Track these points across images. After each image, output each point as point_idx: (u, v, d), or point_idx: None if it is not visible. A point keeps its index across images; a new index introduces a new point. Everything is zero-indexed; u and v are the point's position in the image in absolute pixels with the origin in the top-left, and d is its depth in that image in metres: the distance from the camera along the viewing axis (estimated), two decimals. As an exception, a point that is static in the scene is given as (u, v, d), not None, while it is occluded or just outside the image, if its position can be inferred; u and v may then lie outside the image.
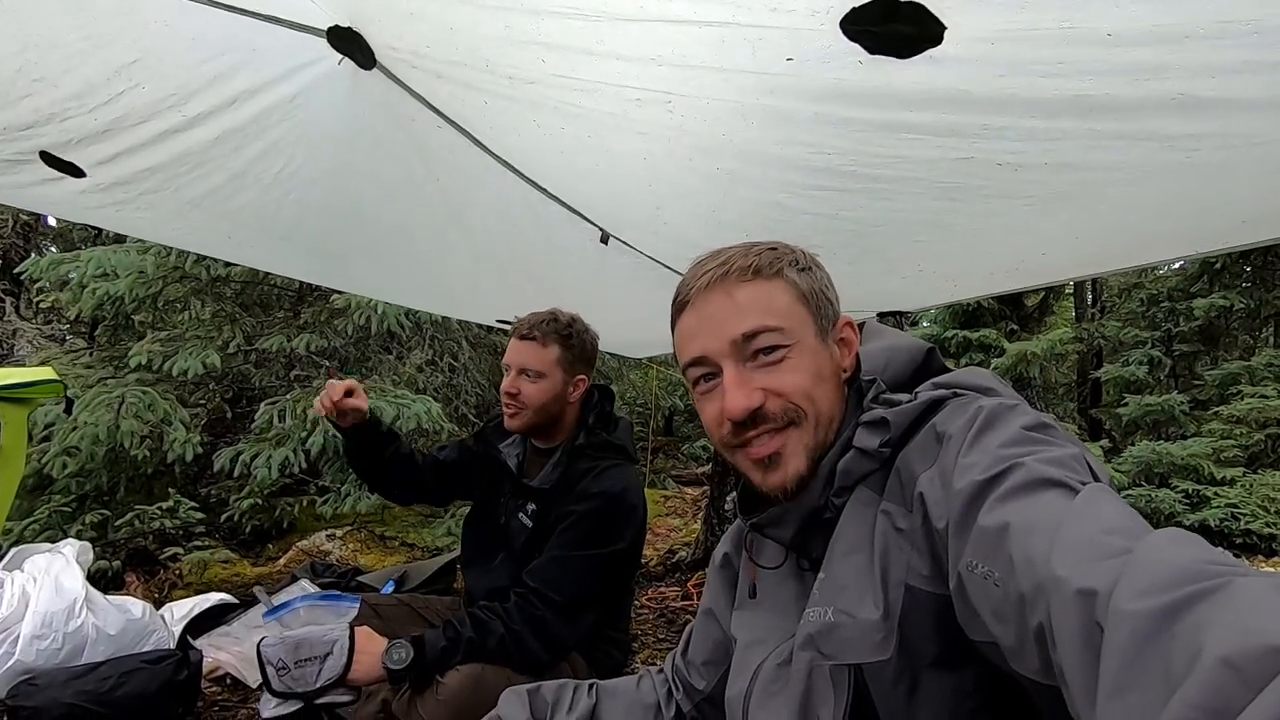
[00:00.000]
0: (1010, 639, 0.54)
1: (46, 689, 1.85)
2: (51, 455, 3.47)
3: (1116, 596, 0.43)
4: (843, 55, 0.95)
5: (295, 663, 1.47)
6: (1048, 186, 1.20)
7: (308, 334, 4.51)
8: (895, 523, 0.70)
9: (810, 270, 0.82)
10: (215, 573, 3.27)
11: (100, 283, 4.21)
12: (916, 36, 0.87)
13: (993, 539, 0.57)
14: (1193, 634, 0.38)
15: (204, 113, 1.61)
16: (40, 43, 1.40)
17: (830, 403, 0.79)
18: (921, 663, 0.66)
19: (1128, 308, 8.99)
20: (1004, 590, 0.54)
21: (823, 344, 0.80)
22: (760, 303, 0.78)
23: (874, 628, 0.68)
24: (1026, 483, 0.58)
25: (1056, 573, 0.48)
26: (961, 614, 0.61)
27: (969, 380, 0.78)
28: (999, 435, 0.65)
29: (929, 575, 0.66)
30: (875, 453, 0.74)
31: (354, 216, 2.17)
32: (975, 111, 1.01)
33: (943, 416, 0.72)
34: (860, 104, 1.06)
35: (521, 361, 1.74)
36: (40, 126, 1.63)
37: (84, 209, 2.11)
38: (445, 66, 1.43)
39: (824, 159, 1.23)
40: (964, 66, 0.92)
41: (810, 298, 0.80)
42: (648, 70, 1.18)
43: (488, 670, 1.56)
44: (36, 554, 2.33)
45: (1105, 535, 0.50)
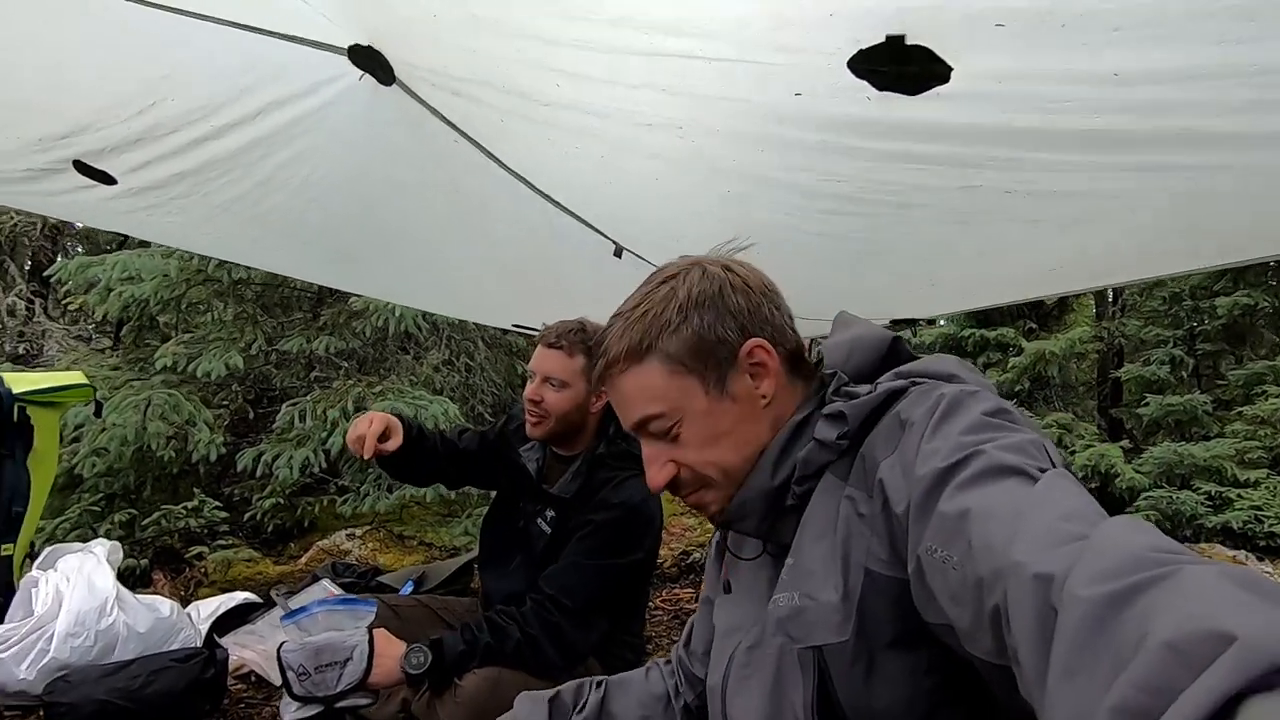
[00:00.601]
0: (965, 621, 0.56)
1: (80, 685, 1.92)
2: (81, 456, 3.57)
3: (1071, 582, 0.44)
4: (851, 90, 0.96)
5: (316, 668, 1.52)
6: (1056, 211, 1.21)
7: (327, 335, 4.58)
8: (858, 508, 0.72)
9: (686, 322, 0.80)
10: (239, 571, 3.35)
11: (126, 286, 4.31)
12: (924, 75, 0.89)
13: (952, 524, 0.58)
14: (1141, 619, 0.39)
15: (231, 123, 1.65)
16: (76, 58, 1.45)
17: (738, 449, 0.81)
18: (878, 644, 0.68)
19: (1149, 306, 8.85)
20: (962, 574, 0.55)
21: (718, 397, 0.80)
22: (637, 392, 0.81)
23: (833, 609, 0.70)
24: (986, 470, 0.59)
25: (1014, 558, 0.50)
26: (918, 597, 0.63)
27: (932, 368, 0.79)
28: (960, 422, 0.66)
29: (887, 559, 0.68)
30: (834, 444, 0.75)
31: (373, 223, 2.21)
32: (983, 144, 1.02)
33: (906, 404, 0.73)
34: (868, 135, 1.07)
35: (546, 370, 1.74)
36: (75, 136, 1.68)
37: (114, 215, 2.18)
38: (462, 85, 1.46)
39: (833, 185, 1.25)
40: (972, 102, 0.93)
41: (690, 358, 0.79)
42: (658, 98, 1.21)
43: (505, 673, 1.60)
44: (69, 553, 2.40)
45: (1063, 522, 0.51)
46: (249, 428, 4.57)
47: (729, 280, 0.82)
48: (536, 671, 1.63)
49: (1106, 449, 6.77)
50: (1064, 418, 7.53)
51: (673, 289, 0.82)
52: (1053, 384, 8.60)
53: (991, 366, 8.30)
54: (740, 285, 0.82)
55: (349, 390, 4.34)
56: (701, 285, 0.81)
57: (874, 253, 1.56)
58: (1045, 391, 8.57)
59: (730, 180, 1.39)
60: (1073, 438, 7.26)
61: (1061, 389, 8.99)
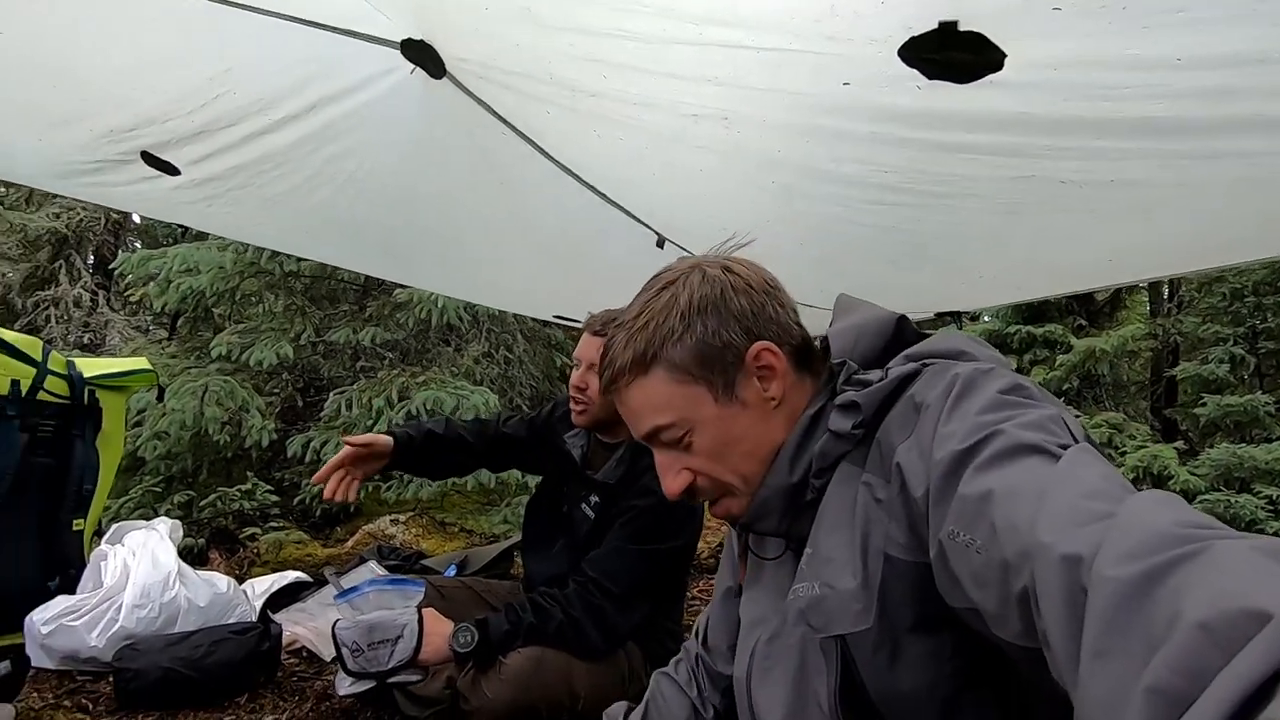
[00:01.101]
0: (991, 604, 0.55)
1: (147, 653, 2.02)
2: (144, 439, 3.74)
3: (1099, 561, 0.43)
4: (900, 80, 0.96)
5: (368, 645, 1.58)
6: (1114, 201, 1.18)
7: (372, 327, 4.71)
8: (875, 494, 0.71)
9: (689, 329, 0.79)
10: (289, 552, 3.47)
11: (184, 278, 4.49)
12: (976, 63, 0.88)
13: (974, 507, 0.57)
14: (1172, 598, 0.38)
15: (287, 116, 1.71)
16: (146, 54, 1.52)
17: (755, 453, 0.80)
18: (901, 629, 0.67)
19: (1208, 303, 8.49)
20: (986, 557, 0.54)
21: (728, 403, 0.79)
22: (645, 404, 0.81)
23: (854, 597, 0.69)
24: (1006, 449, 0.58)
25: (1040, 538, 0.49)
26: (941, 581, 0.62)
27: (941, 346, 0.77)
28: (976, 402, 0.64)
29: (906, 544, 0.67)
30: (849, 434, 0.74)
31: (420, 215, 2.27)
32: (1038, 133, 1.00)
33: (919, 386, 0.71)
34: (918, 125, 1.06)
35: (592, 357, 1.75)
36: (143, 128, 1.76)
37: (176, 206, 2.27)
38: (511, 78, 1.49)
39: (881, 176, 1.24)
40: (1026, 91, 0.92)
41: (696, 366, 0.78)
42: (705, 89, 1.21)
43: (548, 653, 1.64)
44: (134, 530, 2.53)
45: (1088, 500, 0.50)
46: (298, 415, 4.72)
47: (730, 282, 0.81)
48: (578, 653, 1.67)
49: (1160, 450, 6.54)
50: (1114, 418, 7.29)
51: (674, 295, 0.81)
52: (1103, 382, 8.33)
53: (1039, 364, 8.08)
54: (742, 286, 0.81)
55: (393, 380, 4.45)
56: (702, 290, 0.80)
57: (921, 244, 1.54)
58: (1095, 390, 8.31)
59: (776, 171, 1.39)
60: (1123, 438, 7.03)
61: (1112, 388, 8.70)
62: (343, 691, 1.59)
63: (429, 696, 1.84)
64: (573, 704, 1.67)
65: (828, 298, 2.48)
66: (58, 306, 6.93)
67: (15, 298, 7.08)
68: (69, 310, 6.97)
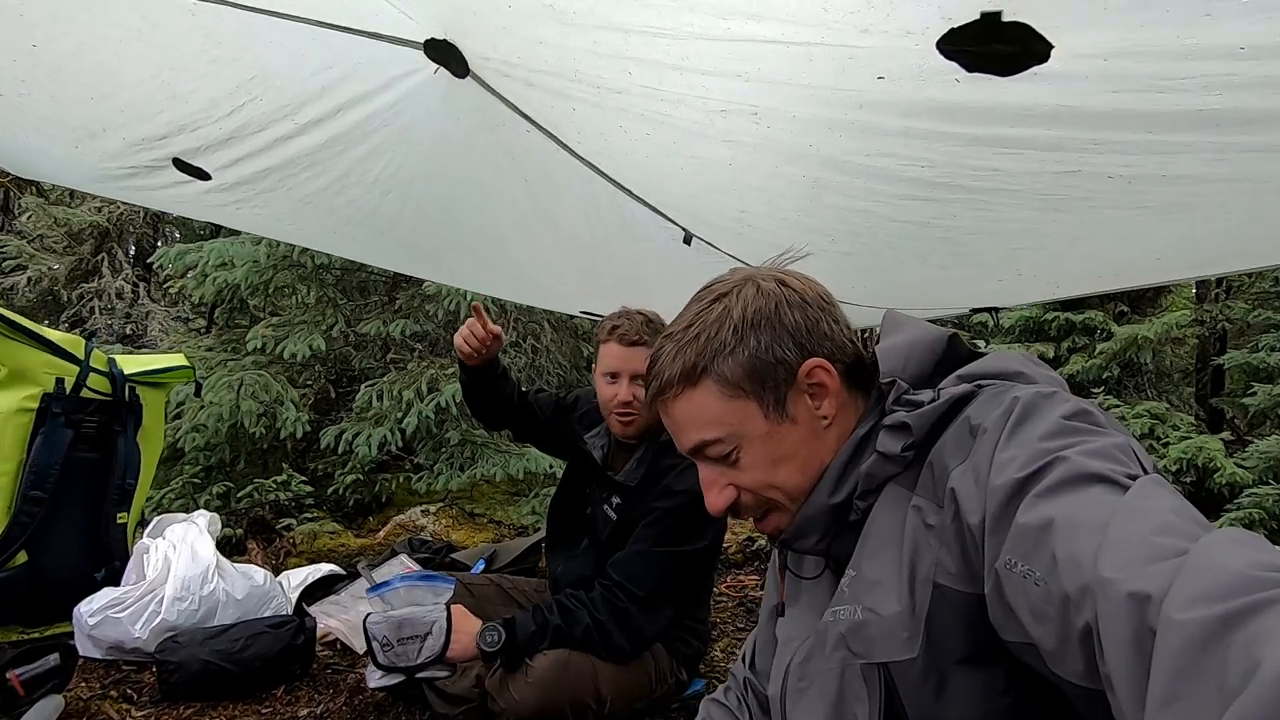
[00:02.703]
0: (1050, 641, 0.52)
1: (187, 646, 2.08)
2: (183, 431, 3.84)
3: (1169, 602, 0.41)
4: (938, 73, 0.92)
5: (398, 640, 1.60)
6: (1164, 197, 1.12)
7: (402, 319, 4.76)
8: (925, 519, 0.68)
9: (743, 344, 0.77)
10: (324, 543, 3.55)
11: (220, 271, 4.59)
12: (1020, 55, 0.83)
13: (1034, 537, 0.54)
14: (1250, 646, 0.36)
15: (313, 120, 1.72)
16: (174, 65, 1.54)
17: (801, 472, 0.78)
18: (949, 660, 0.65)
19: (1259, 288, 8.17)
20: (1045, 590, 0.52)
21: (778, 420, 0.77)
22: (693, 417, 0.79)
23: (900, 625, 0.67)
24: (1070, 478, 0.55)
25: (1104, 574, 0.46)
26: (996, 614, 0.59)
27: (997, 367, 0.74)
28: (1038, 427, 0.61)
29: (958, 573, 0.64)
30: (898, 457, 0.72)
31: (446, 213, 2.27)
32: (1084, 126, 0.95)
33: (976, 408, 0.69)
34: (956, 119, 1.02)
35: (635, 368, 1.74)
36: (173, 136, 1.79)
37: (209, 207, 2.31)
38: (535, 75, 1.47)
39: (916, 171, 1.19)
40: (1073, 83, 0.87)
41: (747, 381, 0.77)
42: (733, 84, 1.18)
43: (574, 655, 1.64)
44: (175, 523, 2.59)
45: (1158, 535, 0.47)
46: (330, 406, 4.81)
47: (784, 296, 0.79)
48: (605, 656, 1.67)
49: (1205, 441, 6.32)
50: (1157, 407, 7.05)
51: (726, 308, 0.79)
52: (1145, 371, 8.06)
53: (1077, 352, 7.86)
54: (797, 301, 0.79)
55: (423, 372, 4.50)
56: (757, 303, 0.78)
57: (957, 240, 1.49)
58: (1136, 379, 8.06)
59: (806, 166, 1.35)
60: (1166, 428, 6.80)
61: (1155, 376, 8.43)
62: (373, 684, 1.62)
63: (459, 694, 1.87)
64: (599, 707, 1.67)
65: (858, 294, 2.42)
66: (101, 298, 7.15)
67: (61, 290, 7.31)
68: (112, 302, 7.18)
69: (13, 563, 2.31)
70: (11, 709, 1.78)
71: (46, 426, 2.39)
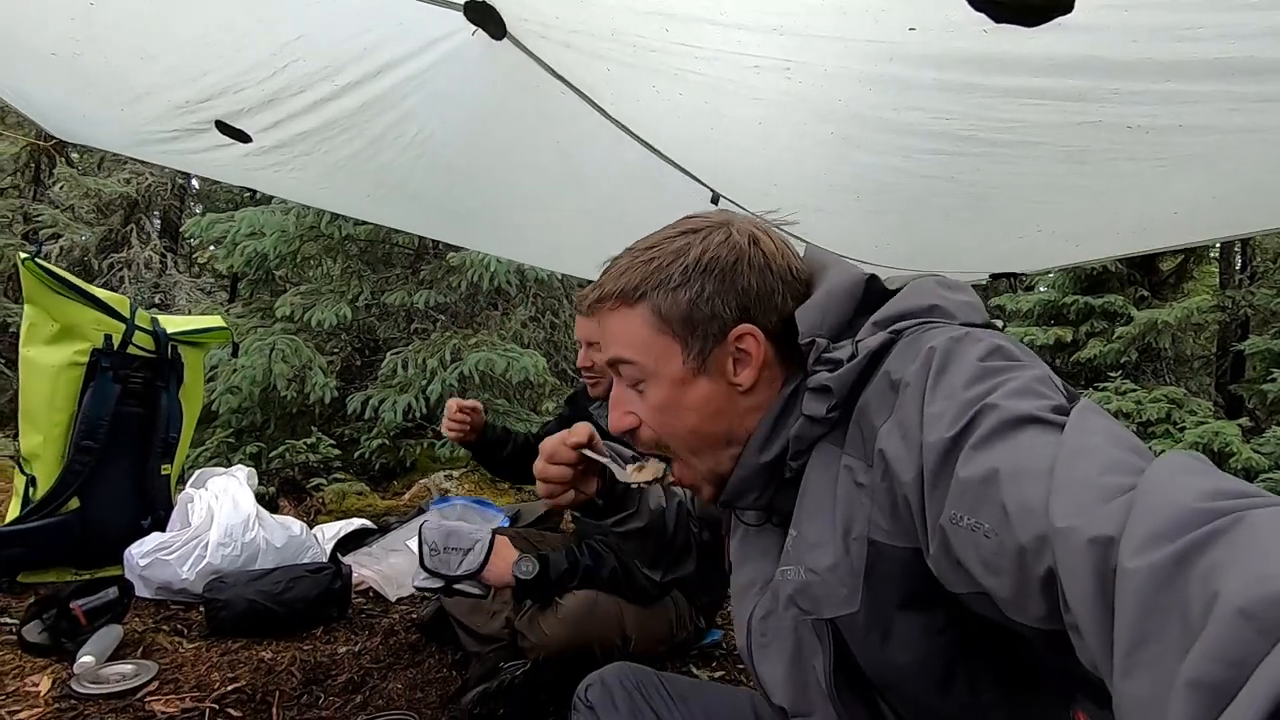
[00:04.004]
0: (1007, 590, 0.52)
1: (233, 586, 2.20)
2: (218, 393, 3.96)
3: (1124, 544, 0.41)
4: (967, 25, 0.96)
5: (444, 548, 1.67)
6: (1182, 148, 1.16)
7: (425, 290, 4.85)
8: (856, 478, 0.68)
9: (687, 285, 0.76)
10: (351, 503, 3.67)
11: (249, 241, 4.69)
12: (1047, 5, 0.88)
13: (977, 489, 0.54)
14: (1207, 579, 0.36)
15: (352, 82, 1.76)
16: (219, 25, 1.59)
17: (701, 431, 0.79)
18: (889, 609, 0.67)
19: (1284, 273, 8.07)
20: (998, 541, 0.51)
21: (694, 371, 0.77)
22: (618, 333, 0.80)
23: (839, 582, 0.69)
24: (1002, 424, 0.55)
25: (1058, 522, 0.46)
26: (943, 568, 0.59)
27: (909, 305, 0.73)
28: (958, 375, 0.61)
29: (890, 530, 0.65)
30: (824, 419, 0.72)
31: (478, 178, 2.32)
32: (1105, 76, 1.00)
33: (894, 360, 0.68)
34: (983, 70, 1.06)
35: (587, 335, 1.84)
36: (217, 98, 1.83)
37: (247, 171, 2.36)
38: (572, 36, 1.51)
39: (942, 124, 1.24)
40: (1095, 33, 0.91)
41: (678, 323, 0.76)
42: (769, 39, 1.22)
43: (601, 596, 1.73)
44: (215, 476, 2.72)
45: (1104, 475, 0.47)
46: (356, 374, 4.92)
47: (749, 255, 0.77)
48: (630, 597, 1.75)
49: (1222, 426, 6.31)
50: (1174, 392, 7.03)
51: (688, 244, 0.77)
52: (1164, 356, 8.02)
53: (1096, 336, 7.83)
54: (760, 263, 0.77)
55: (446, 342, 4.59)
56: (718, 251, 0.76)
57: (981, 195, 1.53)
58: (1155, 364, 8.02)
59: (835, 122, 1.40)
60: (1183, 414, 6.79)
61: (1173, 362, 8.38)
62: (416, 584, 1.67)
63: (490, 634, 1.96)
64: (624, 645, 1.76)
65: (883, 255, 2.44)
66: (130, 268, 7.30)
67: (92, 260, 7.47)
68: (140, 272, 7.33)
69: (66, 507, 2.43)
70: (75, 636, 1.91)
71: (96, 380, 2.50)
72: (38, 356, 2.44)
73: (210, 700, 1.73)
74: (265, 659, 2.00)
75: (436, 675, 2.00)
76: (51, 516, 2.39)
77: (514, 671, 1.77)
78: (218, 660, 1.97)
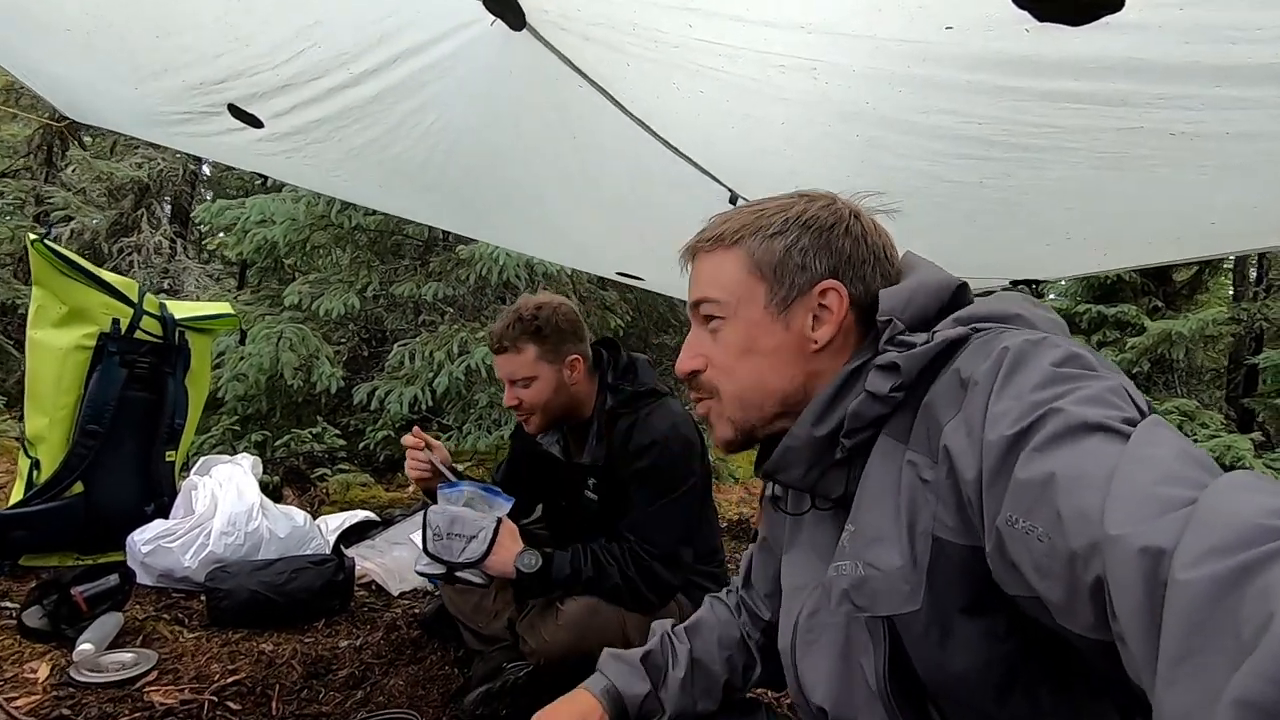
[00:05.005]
0: (1057, 595, 0.52)
1: (236, 575, 2.18)
2: (224, 380, 3.95)
3: (1179, 557, 0.40)
4: (1009, 23, 0.92)
5: (448, 534, 1.63)
6: (1226, 156, 1.12)
7: (434, 282, 4.82)
8: (921, 474, 0.67)
9: (784, 234, 0.79)
10: (355, 494, 3.65)
11: (259, 228, 4.68)
12: (1095, 3, 0.84)
13: (1035, 492, 0.53)
14: (1262, 598, 0.35)
15: (369, 70, 1.72)
16: (240, 5, 1.56)
17: (760, 378, 0.79)
18: (951, 610, 0.65)
19: (1301, 287, 7.97)
20: (1050, 545, 0.51)
21: (773, 316, 0.79)
22: (709, 274, 0.82)
23: (902, 579, 0.67)
24: (1066, 429, 0.54)
25: (1111, 530, 0.45)
26: (999, 569, 0.59)
27: (992, 310, 0.73)
28: (1029, 377, 0.60)
29: (955, 527, 0.64)
30: (886, 397, 0.71)
31: (492, 170, 2.29)
32: (1151, 80, 0.96)
33: (965, 358, 0.67)
34: (1021, 73, 1.02)
35: (507, 374, 1.78)
36: (231, 81, 1.79)
37: (258, 157, 2.34)
38: (592, 29, 1.48)
39: (974, 128, 1.20)
40: (1145, 33, 0.88)
41: (768, 267, 0.79)
42: (796, 37, 1.19)
43: (603, 603, 1.69)
44: (220, 464, 2.70)
45: (1164, 485, 0.46)
46: (363, 365, 4.91)
47: (849, 224, 0.80)
48: (632, 608, 1.71)
49: (1234, 440, 6.24)
50: (1186, 404, 6.96)
51: (793, 203, 0.82)
52: (1176, 368, 7.95)
53: (1107, 345, 7.76)
54: (857, 233, 0.80)
55: (454, 335, 4.57)
56: (821, 214, 0.80)
57: (1009, 201, 1.49)
58: (1167, 376, 7.95)
59: (861, 124, 1.36)
60: (1195, 426, 6.73)
61: (1186, 374, 8.30)
62: (418, 569, 1.66)
63: (492, 635, 1.93)
64: (626, 651, 1.72)
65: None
66: (140, 253, 7.30)
67: (102, 244, 7.48)
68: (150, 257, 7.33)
69: (70, 491, 2.42)
70: (75, 622, 1.89)
71: (103, 364, 2.49)
72: (45, 339, 2.43)
73: (209, 693, 1.71)
74: (266, 651, 1.98)
75: (439, 672, 1.97)
76: (55, 500, 2.38)
77: (517, 672, 1.74)
78: (218, 651, 1.95)
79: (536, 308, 1.80)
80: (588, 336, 1.91)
